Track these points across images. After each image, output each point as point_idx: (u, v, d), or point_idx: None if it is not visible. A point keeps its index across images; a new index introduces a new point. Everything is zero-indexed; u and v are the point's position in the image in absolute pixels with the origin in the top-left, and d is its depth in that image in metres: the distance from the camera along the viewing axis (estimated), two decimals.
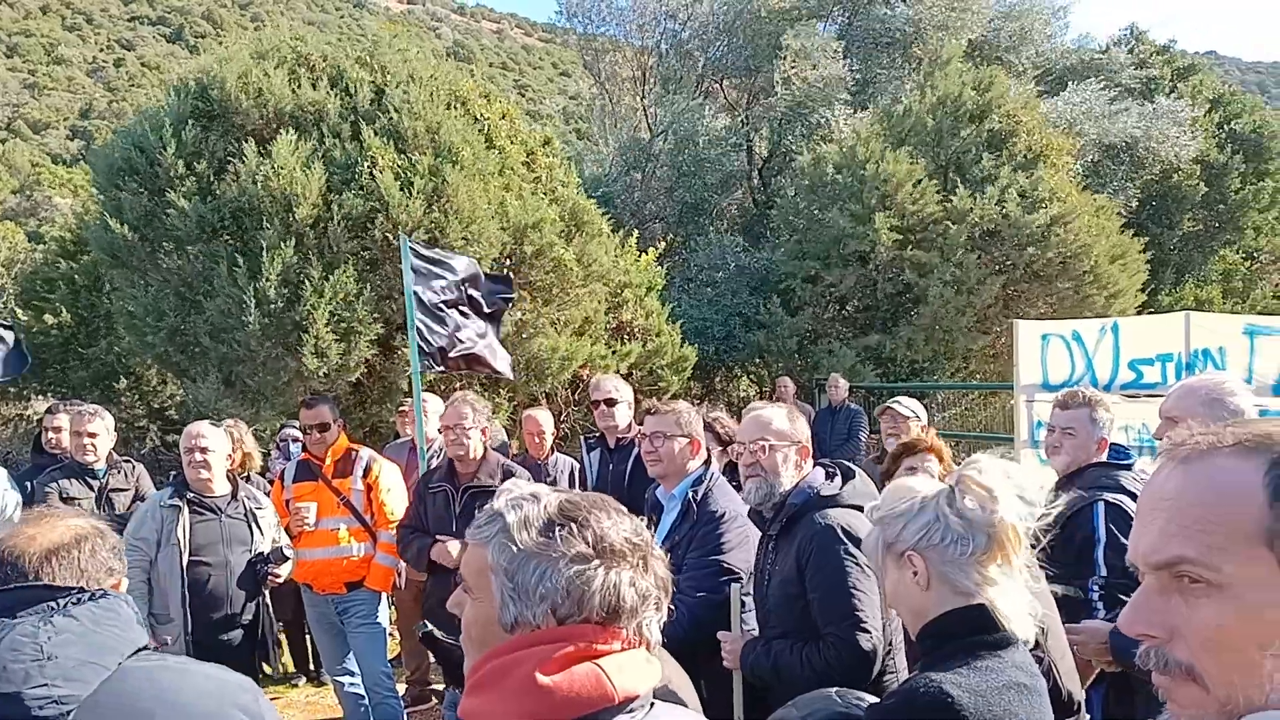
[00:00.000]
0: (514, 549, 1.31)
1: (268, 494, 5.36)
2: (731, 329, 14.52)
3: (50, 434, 6.16)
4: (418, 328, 5.97)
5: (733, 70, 17.79)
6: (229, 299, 8.60)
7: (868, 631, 2.68)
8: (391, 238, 8.55)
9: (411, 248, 6.09)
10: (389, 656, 5.57)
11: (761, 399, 13.33)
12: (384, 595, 5.44)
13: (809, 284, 13.94)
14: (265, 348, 8.66)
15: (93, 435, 5.34)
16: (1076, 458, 3.40)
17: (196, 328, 8.92)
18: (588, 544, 1.31)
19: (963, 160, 13.73)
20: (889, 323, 13.60)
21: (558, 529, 1.32)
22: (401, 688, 5.99)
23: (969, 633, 1.89)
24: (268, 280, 8.44)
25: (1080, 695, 2.53)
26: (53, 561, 1.74)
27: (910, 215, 13.10)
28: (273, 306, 8.48)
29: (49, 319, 13.98)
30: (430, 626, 2.49)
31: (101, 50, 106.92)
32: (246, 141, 8.86)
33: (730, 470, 4.31)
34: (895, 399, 5.99)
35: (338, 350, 8.55)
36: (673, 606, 1.44)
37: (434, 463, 5.60)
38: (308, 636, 6.65)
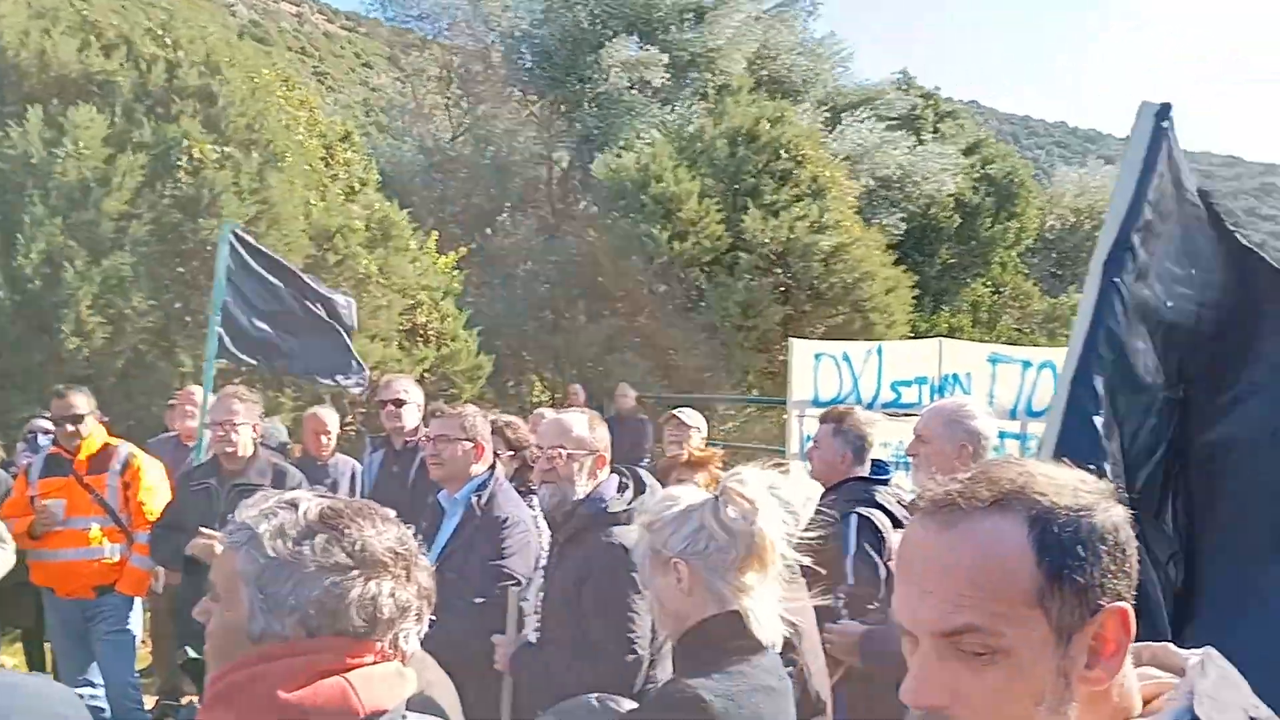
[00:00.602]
0: (266, 557, 1.26)
1: (8, 490, 4.92)
2: (528, 333, 14.55)
3: None
4: (229, 319, 5.69)
5: (539, 79, 17.82)
6: None
7: (636, 652, 2.75)
8: (211, 234, 8.07)
9: (239, 236, 5.82)
10: (139, 666, 5.23)
11: (554, 405, 13.47)
12: (138, 600, 5.10)
13: (602, 295, 14.20)
14: (16, 326, 7.93)
15: None
16: (822, 470, 3.60)
17: None
18: (347, 553, 1.27)
19: (751, 187, 14.38)
20: (674, 329, 14.00)
21: (315, 537, 1.27)
22: (151, 700, 5.62)
23: (724, 639, 1.96)
24: (26, 258, 7.75)
25: (828, 695, 2.72)
26: None
27: (700, 235, 13.59)
28: (30, 285, 7.79)
29: None
30: (191, 652, 2.33)
31: None
32: (30, 107, 8.10)
33: (520, 475, 4.35)
34: (680, 409, 6.23)
35: (103, 333, 7.93)
36: (434, 616, 1.42)
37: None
38: (47, 645, 6.12)
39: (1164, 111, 2.29)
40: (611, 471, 3.10)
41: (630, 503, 2.92)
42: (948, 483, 1.05)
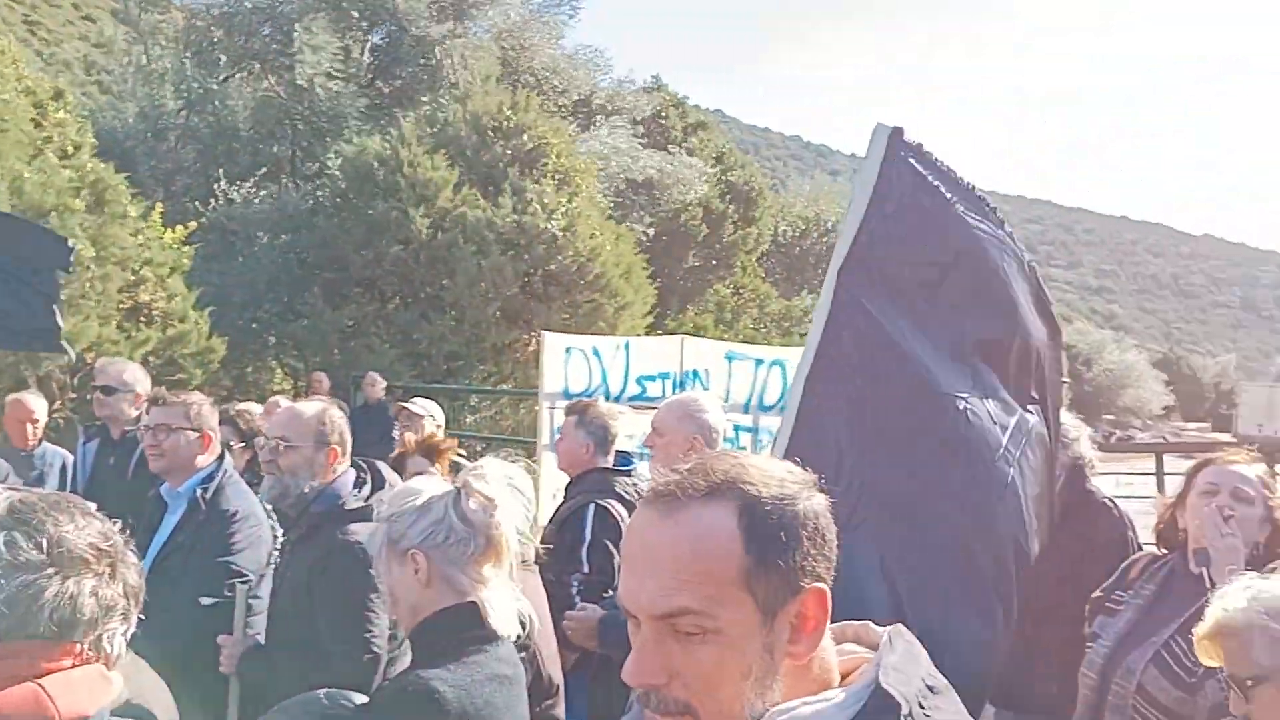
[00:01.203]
0: None
1: None
2: (266, 317, 13.81)
3: None
4: None
5: (274, 58, 16.92)
6: None
7: (373, 651, 2.70)
8: None
9: None
10: None
11: (297, 394, 12.87)
12: None
13: (347, 275, 13.76)
14: None
15: None
16: (567, 460, 3.70)
17: None
18: (41, 550, 1.19)
19: (494, 172, 14.43)
20: (424, 319, 13.80)
21: (3, 533, 1.19)
22: None
23: (459, 629, 1.98)
24: None
25: (560, 679, 2.79)
26: None
27: (449, 218, 13.46)
28: None
29: None
30: None
31: None
32: None
33: (253, 467, 4.14)
34: (413, 399, 6.13)
35: None
36: (152, 616, 1.37)
37: None
38: None
39: (896, 135, 2.50)
40: (350, 465, 3.02)
41: (368, 498, 2.86)
42: (669, 474, 1.11)
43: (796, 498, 1.09)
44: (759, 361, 8.01)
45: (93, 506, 1.30)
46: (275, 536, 3.43)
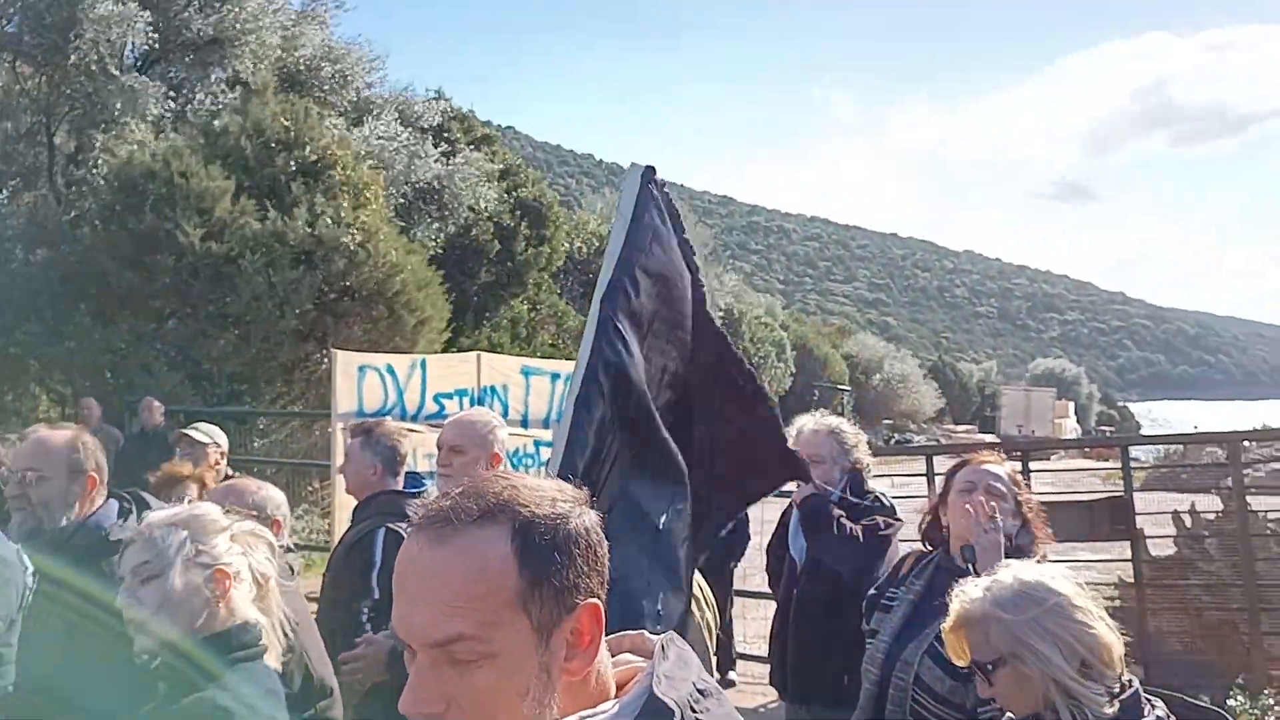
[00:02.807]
0: None
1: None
2: (23, 337, 12.64)
3: None
4: None
5: (32, 51, 15.52)
6: None
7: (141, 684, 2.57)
8: None
9: None
10: None
11: (64, 421, 11.81)
12: None
13: (117, 292, 12.80)
14: None
15: None
16: (355, 483, 3.58)
17: None
18: None
19: (276, 184, 13.90)
20: (204, 336, 13.04)
21: None
22: None
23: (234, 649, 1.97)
24: None
25: (333, 682, 2.73)
26: None
27: (228, 231, 12.85)
28: None
29: None
30: None
31: None
32: None
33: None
34: (194, 425, 5.80)
35: None
36: None
37: None
38: None
39: (649, 173, 2.72)
40: (109, 495, 2.84)
41: (130, 530, 2.69)
42: (441, 498, 1.10)
43: (569, 515, 1.10)
44: (555, 376, 8.10)
45: None
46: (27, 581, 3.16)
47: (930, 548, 3.00)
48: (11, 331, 12.69)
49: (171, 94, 16.22)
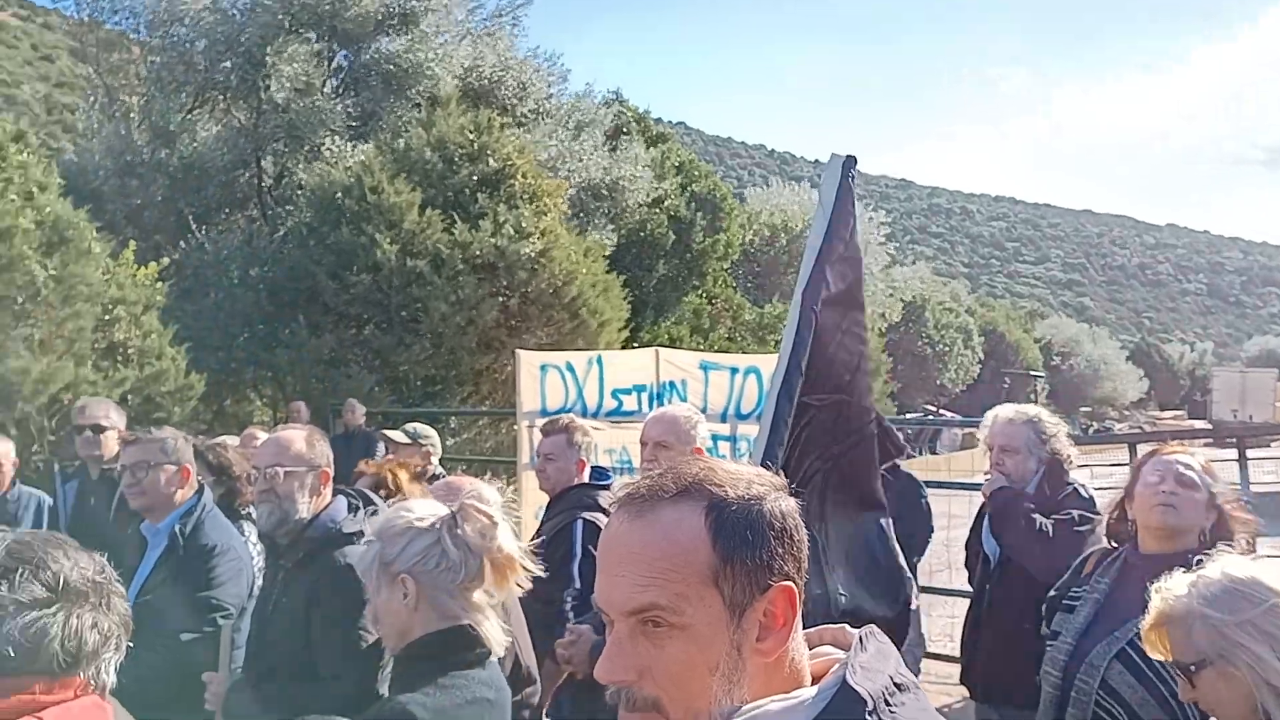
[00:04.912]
0: None
1: None
2: (239, 346, 13.75)
3: None
4: None
5: (239, 86, 16.91)
6: None
7: (370, 678, 2.63)
8: None
9: None
10: None
11: (276, 424, 12.80)
12: None
13: (323, 304, 13.73)
14: None
15: None
16: (559, 480, 3.74)
17: None
18: (45, 587, 1.23)
19: (460, 196, 14.44)
20: (401, 344, 13.79)
21: (9, 575, 1.22)
22: None
23: (444, 653, 1.98)
24: None
25: (536, 671, 2.81)
26: None
27: (417, 243, 13.49)
28: None
29: None
30: None
31: None
32: None
33: (227, 500, 4.13)
34: (405, 426, 6.11)
35: None
36: (148, 650, 1.39)
37: None
38: None
39: (850, 163, 2.66)
40: (336, 492, 3.01)
41: (363, 523, 2.87)
42: (641, 479, 1.16)
43: (764, 498, 1.13)
44: (734, 370, 8.04)
45: (75, 542, 1.33)
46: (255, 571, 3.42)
47: (1116, 545, 2.81)
48: (230, 343, 13.79)
49: (362, 116, 17.25)
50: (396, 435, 5.95)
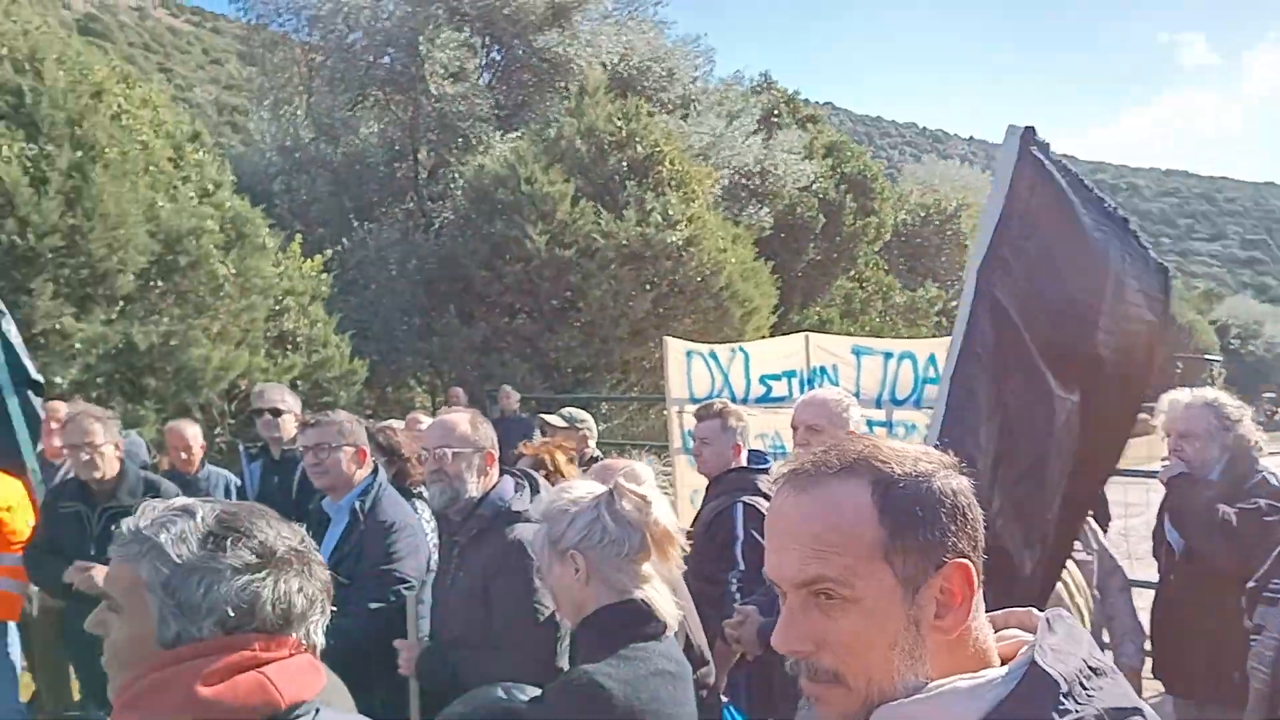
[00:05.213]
0: (172, 564, 1.28)
1: None
2: (399, 335, 14.35)
3: None
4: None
5: (397, 80, 17.60)
6: None
7: (545, 645, 2.76)
8: (19, 239, 7.55)
9: None
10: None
11: (435, 409, 13.34)
12: (11, 625, 4.81)
13: (476, 294, 14.16)
14: None
15: None
16: (716, 464, 3.76)
17: None
18: (255, 553, 1.31)
19: (609, 184, 14.58)
20: (551, 332, 14.09)
21: (220, 540, 1.31)
22: None
23: (621, 626, 2.03)
24: None
25: (709, 653, 2.84)
26: None
27: (568, 233, 13.72)
28: None
29: None
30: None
31: None
32: None
33: (397, 480, 4.32)
34: (562, 410, 6.24)
35: None
36: (341, 616, 1.47)
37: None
38: None
39: (1028, 135, 2.54)
40: (501, 472, 3.11)
41: (529, 501, 2.96)
42: (806, 456, 1.17)
43: (932, 475, 1.13)
44: (888, 355, 7.85)
45: (276, 514, 1.42)
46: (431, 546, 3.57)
47: None
48: (389, 332, 14.42)
49: (512, 107, 17.67)
50: (554, 419, 6.09)
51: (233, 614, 1.28)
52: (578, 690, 1.90)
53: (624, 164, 14.66)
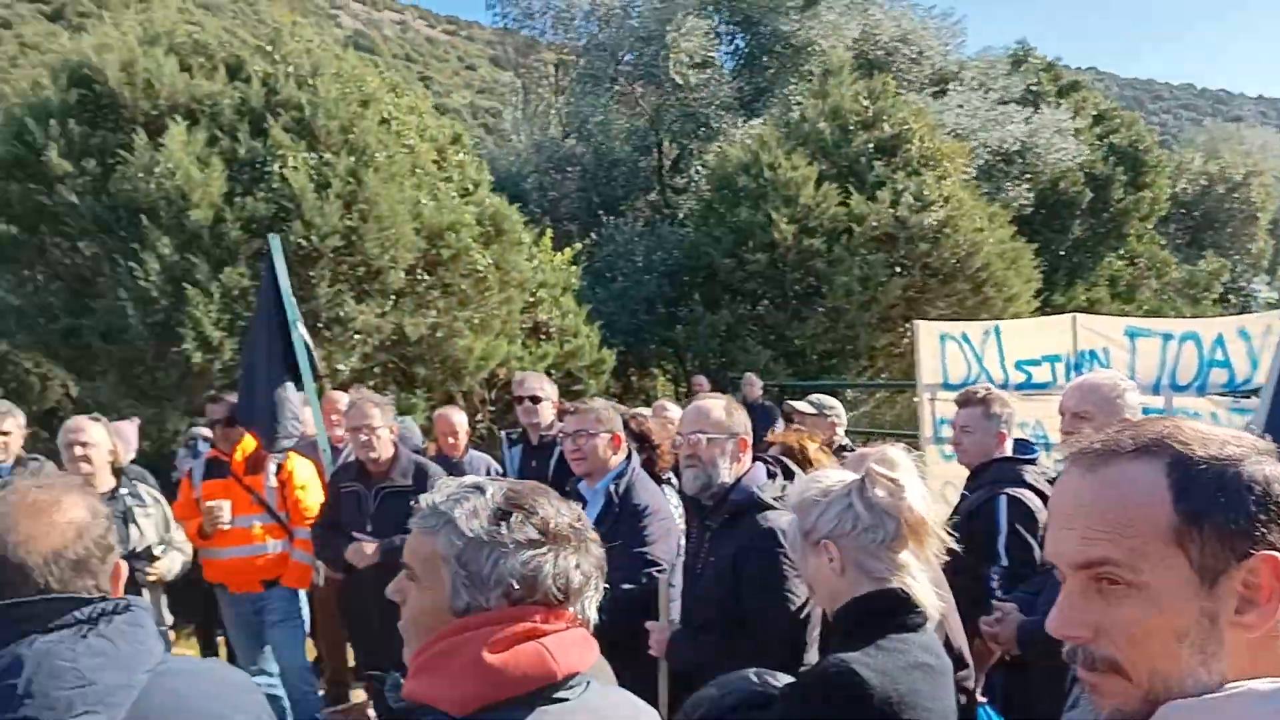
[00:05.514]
0: (464, 538, 1.37)
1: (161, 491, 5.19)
2: (643, 325, 14.70)
3: None
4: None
5: (644, 73, 18.03)
6: (116, 298, 8.29)
7: (796, 632, 2.77)
8: (305, 241, 8.37)
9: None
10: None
11: (678, 397, 13.60)
12: (302, 593, 5.35)
13: (720, 282, 14.26)
14: (153, 346, 8.37)
15: (5, 433, 4.99)
16: (977, 453, 3.57)
17: (89, 327, 8.57)
18: (538, 530, 1.38)
19: (857, 166, 14.20)
20: (796, 319, 13.96)
21: (507, 517, 1.38)
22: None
23: (879, 615, 1.98)
24: (148, 280, 8.11)
25: (969, 653, 2.70)
26: (61, 565, 1.53)
27: (813, 217, 13.53)
28: (156, 305, 8.17)
29: None
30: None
31: None
32: (136, 133, 8.45)
33: (648, 466, 4.42)
34: (809, 397, 6.15)
35: (231, 345, 8.26)
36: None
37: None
38: (220, 638, 6.48)
39: None
40: (753, 459, 3.10)
41: (782, 489, 2.95)
42: (1096, 435, 1.12)
43: (1242, 460, 1.03)
44: (1167, 336, 7.18)
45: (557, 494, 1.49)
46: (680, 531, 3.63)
47: None
48: (635, 322, 14.78)
49: (754, 93, 17.64)
50: (802, 406, 6.02)
51: (517, 587, 1.36)
52: (833, 678, 1.87)
53: (870, 144, 14.25)
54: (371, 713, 5.58)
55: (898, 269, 13.68)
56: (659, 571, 3.36)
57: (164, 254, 8.15)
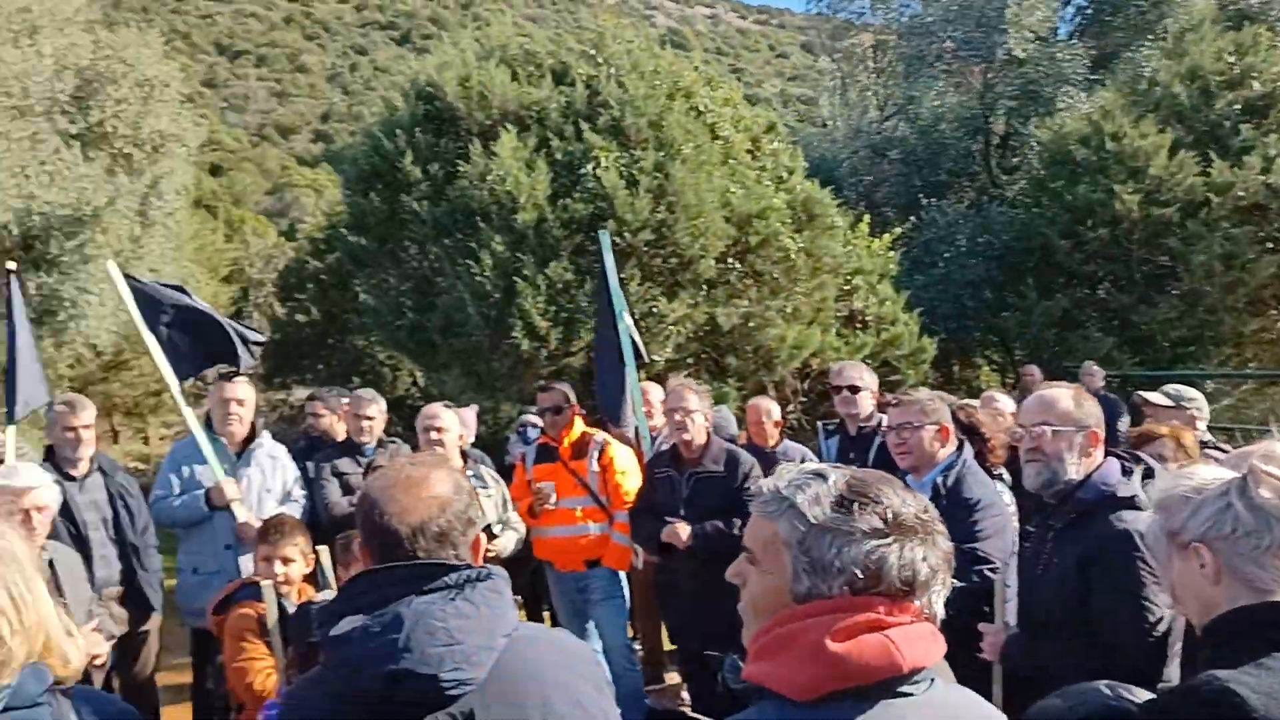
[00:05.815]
0: (807, 524, 1.36)
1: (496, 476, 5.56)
2: (967, 311, 14.01)
3: (311, 419, 6.41)
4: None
5: (971, 50, 17.15)
6: (456, 295, 9.10)
7: (1152, 642, 2.55)
8: (619, 238, 8.74)
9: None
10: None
11: (1005, 387, 12.79)
12: (621, 574, 5.54)
13: (1056, 264, 13.27)
14: (488, 337, 9.08)
15: (370, 418, 5.67)
16: None
17: (432, 323, 9.51)
18: (882, 519, 1.35)
19: (1219, 131, 12.71)
20: (1144, 303, 12.69)
21: (850, 505, 1.36)
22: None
23: (1261, 630, 1.75)
24: (483, 276, 8.81)
25: None
26: (426, 535, 1.71)
27: (1165, 189, 12.23)
28: (490, 300, 8.86)
29: (300, 317, 15.41)
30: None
31: (338, 57, 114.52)
32: (472, 143, 9.25)
33: (978, 459, 4.14)
34: (1165, 388, 5.50)
35: (556, 335, 8.78)
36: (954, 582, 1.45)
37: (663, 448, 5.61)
38: (545, 612, 6.88)
39: None
40: (1106, 453, 2.83)
41: (1140, 488, 2.68)
42: None
43: None
44: None
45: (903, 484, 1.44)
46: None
47: None
48: (959, 309, 14.05)
49: (1098, 60, 16.25)
50: (1155, 397, 5.40)
51: (861, 576, 1.33)
52: (1207, 697, 1.64)
53: (1236, 105, 12.65)
54: (685, 694, 5.67)
55: (1269, 244, 12.13)
56: (991, 570, 3.15)
57: (497, 251, 8.84)
